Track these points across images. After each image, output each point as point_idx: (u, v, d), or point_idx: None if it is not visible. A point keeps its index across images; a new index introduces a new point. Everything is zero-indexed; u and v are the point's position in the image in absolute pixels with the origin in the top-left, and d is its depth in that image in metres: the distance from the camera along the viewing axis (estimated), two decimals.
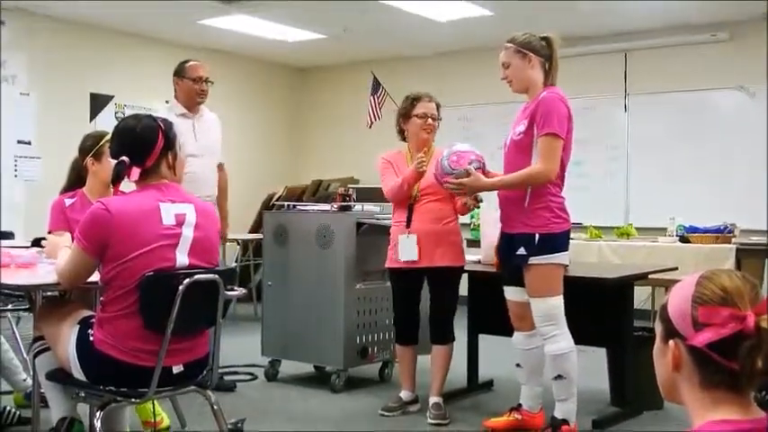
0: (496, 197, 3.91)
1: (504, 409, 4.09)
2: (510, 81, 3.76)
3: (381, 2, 6.85)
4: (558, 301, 3.68)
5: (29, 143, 7.43)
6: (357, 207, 4.85)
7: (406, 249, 4.13)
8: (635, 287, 4.46)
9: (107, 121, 7.39)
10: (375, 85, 6.03)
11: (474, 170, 3.74)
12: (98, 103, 7.97)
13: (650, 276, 4.55)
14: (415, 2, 6.91)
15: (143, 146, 2.73)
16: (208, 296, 2.74)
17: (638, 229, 6.82)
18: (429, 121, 4.25)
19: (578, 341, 3.78)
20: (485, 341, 4.79)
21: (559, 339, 3.67)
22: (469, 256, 4.39)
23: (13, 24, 7.25)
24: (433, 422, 4.10)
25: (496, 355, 4.84)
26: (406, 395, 4.32)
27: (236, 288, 2.85)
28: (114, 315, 2.63)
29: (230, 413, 3.37)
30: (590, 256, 6.17)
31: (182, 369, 2.73)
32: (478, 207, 4.17)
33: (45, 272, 3.02)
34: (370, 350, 4.79)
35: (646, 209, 7.55)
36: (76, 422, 2.89)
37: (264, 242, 5.10)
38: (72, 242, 2.81)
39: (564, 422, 3.72)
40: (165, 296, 2.59)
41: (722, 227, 6.16)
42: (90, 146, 3.60)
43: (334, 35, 8.19)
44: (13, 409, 3.89)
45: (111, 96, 8.04)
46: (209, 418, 3.02)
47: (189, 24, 7.84)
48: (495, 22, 7.26)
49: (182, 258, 2.68)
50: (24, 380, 4.02)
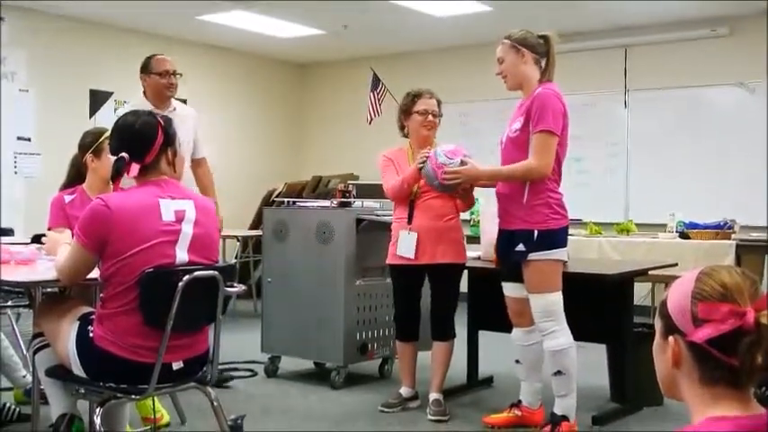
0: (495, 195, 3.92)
1: (504, 405, 4.10)
2: (504, 76, 3.79)
3: None
4: (558, 297, 3.68)
5: (28, 140, 7.43)
6: (357, 203, 4.84)
7: (405, 245, 4.13)
8: (635, 283, 4.46)
9: (107, 118, 7.38)
10: (375, 82, 6.02)
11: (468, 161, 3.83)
12: (98, 99, 7.96)
13: (650, 272, 4.56)
14: None
15: (142, 142, 2.73)
16: (207, 293, 2.74)
17: (637, 225, 6.82)
18: (429, 117, 4.24)
19: (578, 337, 3.78)
20: (485, 337, 4.79)
21: (559, 335, 3.67)
22: (469, 253, 4.38)
23: (13, 21, 7.24)
24: (433, 418, 4.10)
25: (496, 351, 4.84)
26: (406, 391, 4.32)
27: (235, 284, 2.84)
28: (114, 311, 2.62)
29: (230, 410, 3.36)
30: (590, 253, 6.17)
31: (181, 366, 2.73)
32: (474, 202, 4.20)
33: (45, 268, 3.02)
34: (369, 346, 4.79)
35: (646, 205, 7.55)
36: (76, 419, 2.88)
37: (264, 238, 5.10)
38: (72, 239, 2.81)
39: (563, 418, 3.72)
40: (165, 293, 2.58)
41: (722, 223, 6.17)
42: (89, 142, 3.61)
43: (334, 31, 8.18)
44: (13, 406, 3.89)
45: (111, 93, 8.03)
46: (208, 415, 3.03)
47: (188, 20, 7.83)
48: (495, 17, 7.25)
49: (181, 255, 2.68)
50: (24, 376, 4.02)
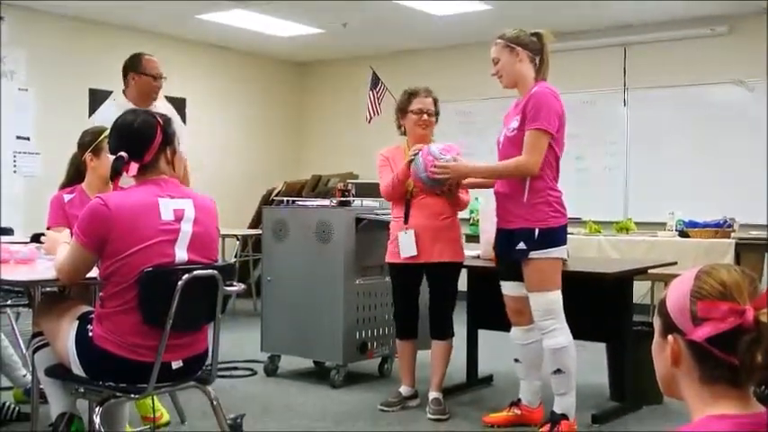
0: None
1: (504, 404, 4.10)
2: (500, 76, 3.79)
3: None
4: (557, 296, 3.68)
5: (28, 139, 7.43)
6: (356, 202, 4.84)
7: (406, 245, 4.13)
8: (634, 282, 4.46)
9: (106, 117, 7.37)
10: (374, 80, 6.01)
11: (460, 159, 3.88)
12: (97, 98, 7.93)
13: (650, 271, 4.55)
14: None
15: (141, 141, 2.72)
16: (207, 291, 2.74)
17: (637, 223, 6.83)
18: (424, 116, 4.24)
19: (578, 336, 3.78)
20: (484, 336, 4.79)
21: (558, 334, 3.67)
22: (468, 252, 4.39)
23: (13, 20, 7.24)
24: (433, 417, 4.10)
25: (496, 350, 4.84)
26: (405, 390, 4.32)
27: (235, 283, 2.84)
28: (113, 311, 2.62)
29: (229, 409, 3.36)
30: (589, 251, 6.17)
31: (181, 365, 2.73)
32: (464, 205, 4.24)
33: (44, 267, 3.02)
34: (369, 345, 4.79)
35: (645, 203, 7.54)
36: (76, 418, 2.88)
37: (264, 237, 5.10)
38: (71, 238, 2.81)
39: (563, 417, 3.71)
40: (164, 292, 2.58)
41: (721, 221, 6.17)
42: (89, 141, 3.61)
43: (334, 30, 8.17)
44: (13, 405, 3.90)
45: (111, 92, 8.00)
46: (208, 414, 3.03)
47: (188, 19, 7.82)
48: (495, 16, 7.24)
49: (181, 254, 2.67)
50: (24, 375, 4.02)
